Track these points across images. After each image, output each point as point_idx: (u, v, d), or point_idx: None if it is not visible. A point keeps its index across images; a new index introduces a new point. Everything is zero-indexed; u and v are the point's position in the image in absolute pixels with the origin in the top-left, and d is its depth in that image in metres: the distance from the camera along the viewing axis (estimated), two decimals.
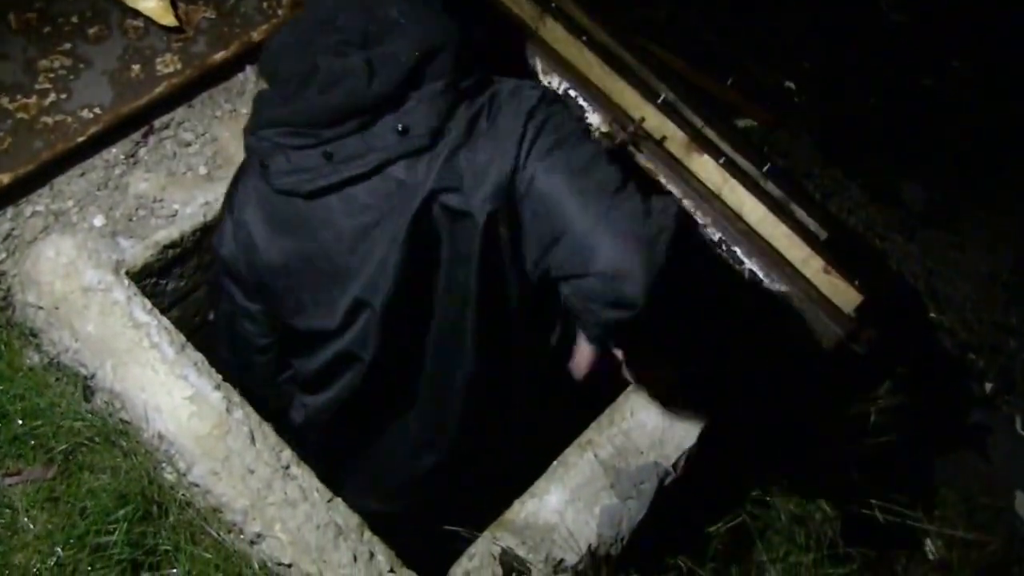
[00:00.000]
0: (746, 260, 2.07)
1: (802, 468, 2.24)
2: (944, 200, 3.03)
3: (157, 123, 2.13)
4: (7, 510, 1.72)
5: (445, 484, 1.90)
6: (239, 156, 2.11)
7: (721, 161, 2.12)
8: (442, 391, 1.74)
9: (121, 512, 1.70)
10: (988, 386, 2.70)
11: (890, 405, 2.21)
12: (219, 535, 1.73)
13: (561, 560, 1.77)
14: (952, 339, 2.72)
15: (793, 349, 2.08)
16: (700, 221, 2.12)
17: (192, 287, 2.17)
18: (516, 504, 1.83)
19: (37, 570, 1.68)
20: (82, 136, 2.01)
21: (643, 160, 2.17)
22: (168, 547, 1.71)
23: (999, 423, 2.65)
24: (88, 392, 1.82)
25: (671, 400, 1.96)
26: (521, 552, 1.77)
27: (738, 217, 2.09)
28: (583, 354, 1.68)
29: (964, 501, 2.45)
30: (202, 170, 2.11)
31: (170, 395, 1.80)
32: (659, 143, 2.15)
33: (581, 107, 2.21)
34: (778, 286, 2.05)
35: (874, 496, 2.30)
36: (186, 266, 2.10)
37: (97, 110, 2.04)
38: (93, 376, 1.82)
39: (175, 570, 1.70)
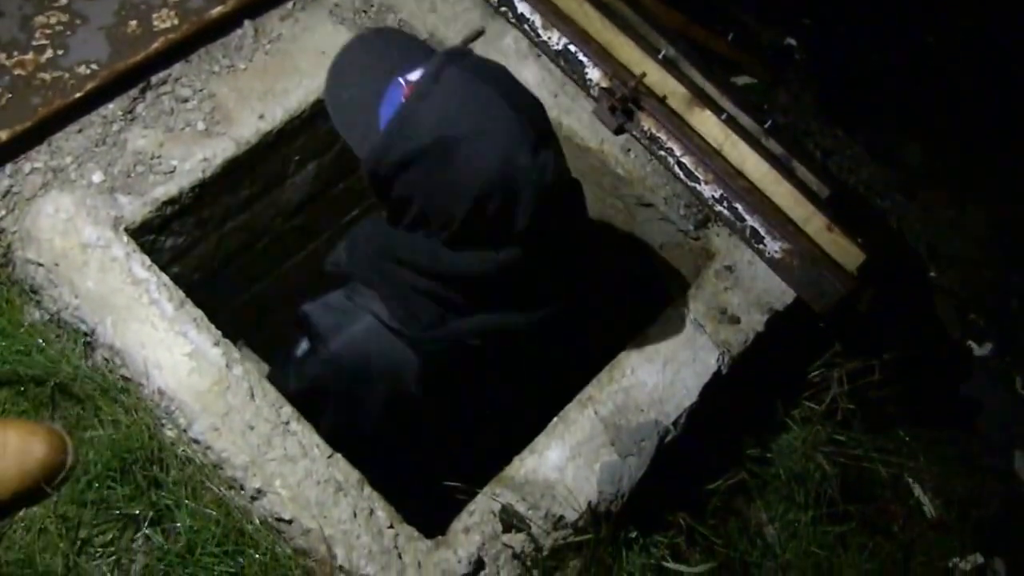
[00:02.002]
0: (747, 217, 2.06)
1: (802, 426, 2.23)
2: (945, 159, 3.00)
3: (154, 79, 2.10)
4: None
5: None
6: (237, 112, 2.11)
7: (723, 117, 2.10)
8: None
9: (122, 468, 1.70)
10: (988, 346, 2.69)
11: (890, 364, 2.20)
12: (220, 491, 1.72)
13: (561, 516, 1.77)
14: (952, 298, 2.70)
15: (795, 307, 2.07)
16: (701, 177, 2.10)
17: (191, 244, 2.16)
18: (516, 461, 1.83)
19: (41, 526, 1.68)
20: (79, 92, 1.98)
21: (644, 116, 2.14)
22: (169, 502, 1.70)
23: (999, 383, 2.65)
24: (88, 348, 1.81)
25: (672, 357, 1.96)
26: (521, 508, 1.76)
27: (739, 174, 2.08)
28: None
29: (963, 461, 2.45)
30: (200, 126, 2.08)
31: (170, 351, 1.79)
32: (660, 99, 2.13)
33: (581, 62, 2.18)
34: (780, 244, 2.03)
35: (873, 455, 2.30)
36: (185, 222, 2.09)
37: (94, 66, 2.01)
38: (93, 332, 1.81)
39: (176, 526, 1.69)
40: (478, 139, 1.44)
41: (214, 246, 2.26)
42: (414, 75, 1.53)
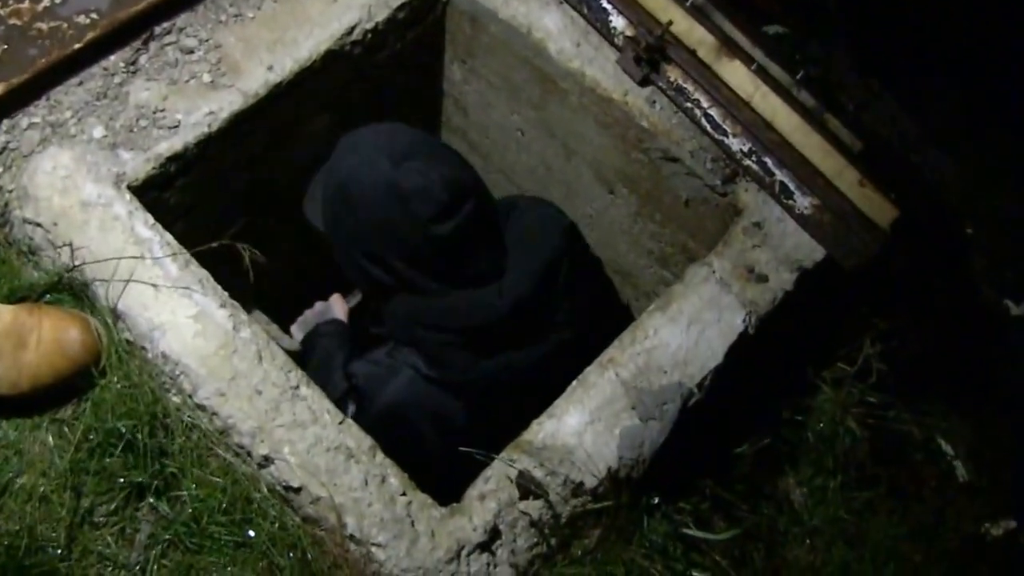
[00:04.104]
0: (777, 171, 1.94)
1: (831, 387, 2.12)
2: (985, 113, 2.85)
3: (158, 29, 2.01)
4: (12, 432, 1.65)
5: None
6: (244, 63, 2.01)
7: (753, 68, 1.98)
8: None
9: (127, 435, 1.62)
10: None
11: (924, 323, 2.09)
12: (227, 458, 1.65)
13: (580, 483, 1.68)
14: (989, 256, 2.57)
15: (825, 265, 1.96)
16: (729, 130, 1.98)
17: (196, 201, 2.07)
18: (534, 425, 1.74)
19: (43, 492, 1.61)
20: (79, 43, 1.89)
21: (670, 67, 2.02)
22: (174, 470, 1.63)
23: None
24: (91, 311, 1.73)
25: (696, 317, 1.85)
26: (538, 474, 1.68)
27: (769, 126, 1.96)
28: None
29: (997, 423, 2.34)
30: (206, 78, 1.99)
31: (174, 314, 1.71)
32: (687, 48, 2.00)
33: (605, 9, 2.06)
34: (810, 199, 1.92)
35: (904, 417, 2.20)
36: (190, 179, 1.99)
37: (94, 15, 1.91)
38: (95, 294, 1.72)
39: (182, 494, 1.62)
40: (356, 172, 1.79)
41: (222, 204, 2.16)
42: None
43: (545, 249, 1.89)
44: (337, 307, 2.31)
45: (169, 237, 1.79)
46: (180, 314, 1.71)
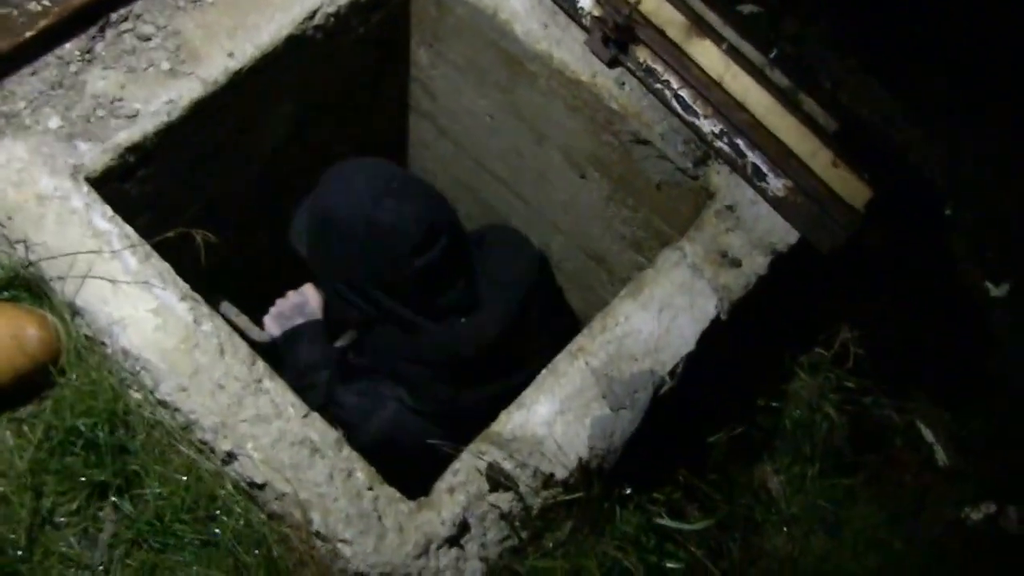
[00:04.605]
0: (749, 153, 1.97)
1: (808, 372, 2.17)
2: (967, 91, 2.89)
3: (114, 16, 2.02)
4: None
5: None
6: (204, 50, 2.02)
7: (724, 48, 2.01)
8: None
9: (88, 432, 1.65)
10: (1005, 286, 2.61)
11: (903, 305, 2.13)
12: (190, 454, 1.67)
13: (550, 474, 1.72)
14: (969, 237, 2.62)
15: (800, 248, 1.99)
16: (700, 112, 2.01)
17: (160, 192, 2.09)
18: (503, 416, 1.77)
19: (2, 492, 1.64)
20: (32, 31, 1.90)
21: (639, 47, 2.05)
22: (137, 468, 1.66)
23: (1016, 325, 2.57)
24: (49, 307, 1.75)
25: (668, 303, 1.89)
26: (508, 466, 1.71)
27: (741, 107, 1.99)
28: None
29: (978, 406, 2.39)
30: (164, 66, 2.01)
31: (134, 308, 1.73)
32: (657, 28, 2.03)
33: None
34: (782, 181, 1.95)
35: (882, 402, 2.24)
36: (151, 169, 2.01)
37: (47, 2, 1.92)
38: (52, 291, 1.74)
39: (145, 492, 1.65)
40: (337, 206, 1.93)
41: (186, 194, 2.19)
42: None
43: (520, 284, 2.04)
44: (311, 298, 2.33)
45: (129, 229, 1.81)
46: (140, 308, 1.73)
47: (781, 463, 2.15)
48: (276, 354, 2.23)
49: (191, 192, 2.19)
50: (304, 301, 2.31)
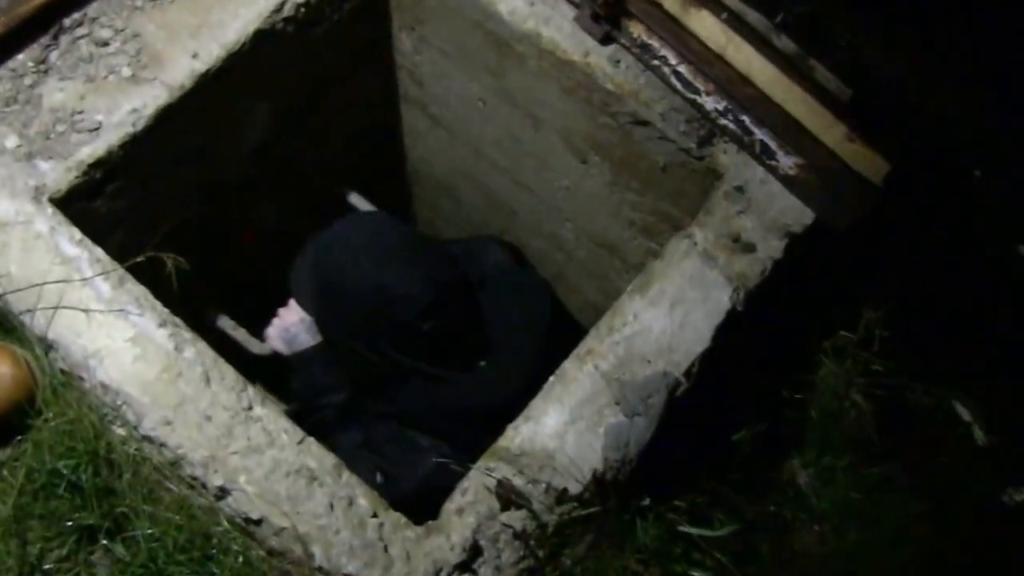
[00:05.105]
0: (756, 130, 1.93)
1: (833, 359, 2.13)
2: (998, 49, 2.80)
3: (68, 21, 1.98)
4: None
5: None
6: (166, 52, 1.98)
7: (723, 17, 1.96)
8: None
9: (71, 475, 1.62)
10: None
11: (930, 281, 2.09)
12: (180, 491, 1.65)
13: (564, 489, 1.69)
14: (999, 205, 2.55)
15: (817, 228, 1.95)
16: (701, 88, 1.96)
17: (133, 205, 2.05)
18: (509, 430, 1.75)
19: None
20: None
21: (632, 22, 2.00)
22: (125, 509, 1.63)
23: None
24: (19, 342, 1.72)
25: (680, 298, 1.85)
26: (519, 483, 1.69)
27: (745, 81, 1.94)
28: None
29: (1016, 381, 2.34)
30: (125, 72, 1.96)
31: (110, 338, 1.71)
32: (650, 1, 1.98)
33: None
34: (794, 159, 1.90)
35: (913, 385, 2.20)
36: (121, 183, 1.97)
37: None
38: (21, 325, 1.71)
39: (136, 533, 1.62)
40: (341, 272, 1.98)
41: (161, 206, 2.14)
42: None
43: (539, 331, 2.10)
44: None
45: (99, 252, 1.78)
46: (117, 338, 1.71)
47: (809, 457, 2.12)
48: (278, 365, 2.24)
49: (167, 202, 2.16)
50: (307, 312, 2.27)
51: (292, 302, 2.29)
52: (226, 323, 2.31)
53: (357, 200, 2.55)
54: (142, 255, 1.77)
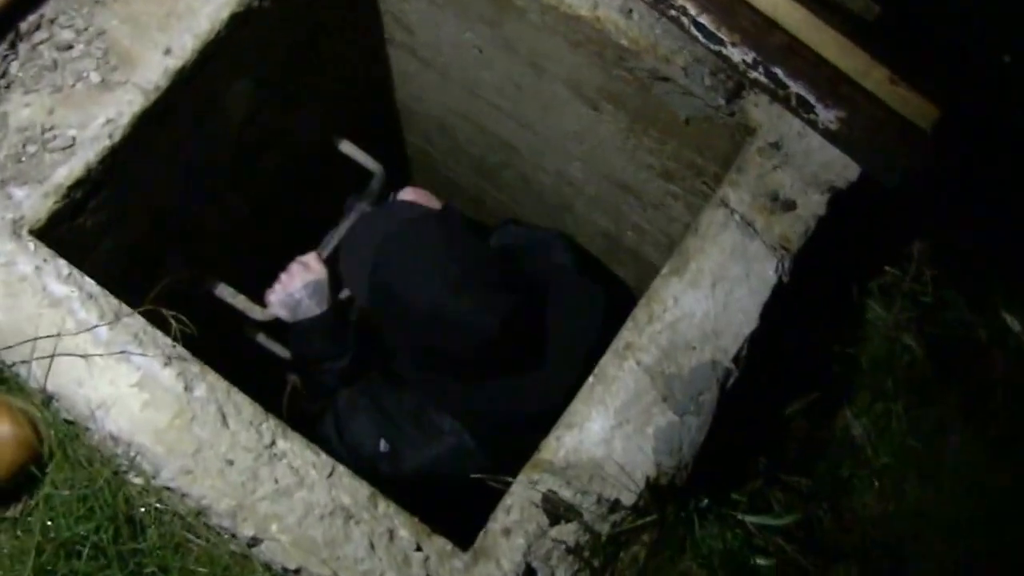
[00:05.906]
0: (790, 83, 1.76)
1: (880, 302, 2.00)
2: None
3: (24, 25, 1.82)
4: None
5: None
6: (136, 49, 1.82)
7: None
8: None
9: (93, 536, 1.52)
10: None
11: (980, 230, 1.95)
12: (209, 541, 1.55)
13: (616, 500, 1.59)
14: None
15: (862, 182, 1.80)
16: (727, 39, 1.78)
17: (119, 213, 1.91)
18: (551, 439, 1.64)
19: None
20: None
21: None
22: (153, 568, 1.53)
23: None
24: (19, 397, 1.60)
25: (721, 275, 1.71)
26: (566, 495, 1.58)
27: (773, 25, 1.76)
28: None
29: None
30: (94, 77, 1.80)
31: (114, 385, 1.59)
32: None
33: None
34: (834, 112, 1.74)
35: (965, 315, 2.07)
36: (104, 194, 1.83)
37: None
38: (18, 377, 1.59)
39: None
40: (407, 285, 1.83)
41: (157, 198, 2.01)
42: None
43: (587, 344, 1.87)
44: (315, 270, 2.18)
45: (91, 286, 1.65)
46: (122, 384, 1.59)
47: (862, 404, 2.00)
48: (281, 330, 2.21)
49: (163, 193, 2.01)
50: (310, 276, 2.16)
51: (294, 267, 2.18)
52: (225, 291, 2.20)
53: (348, 148, 2.42)
54: (141, 307, 1.64)
